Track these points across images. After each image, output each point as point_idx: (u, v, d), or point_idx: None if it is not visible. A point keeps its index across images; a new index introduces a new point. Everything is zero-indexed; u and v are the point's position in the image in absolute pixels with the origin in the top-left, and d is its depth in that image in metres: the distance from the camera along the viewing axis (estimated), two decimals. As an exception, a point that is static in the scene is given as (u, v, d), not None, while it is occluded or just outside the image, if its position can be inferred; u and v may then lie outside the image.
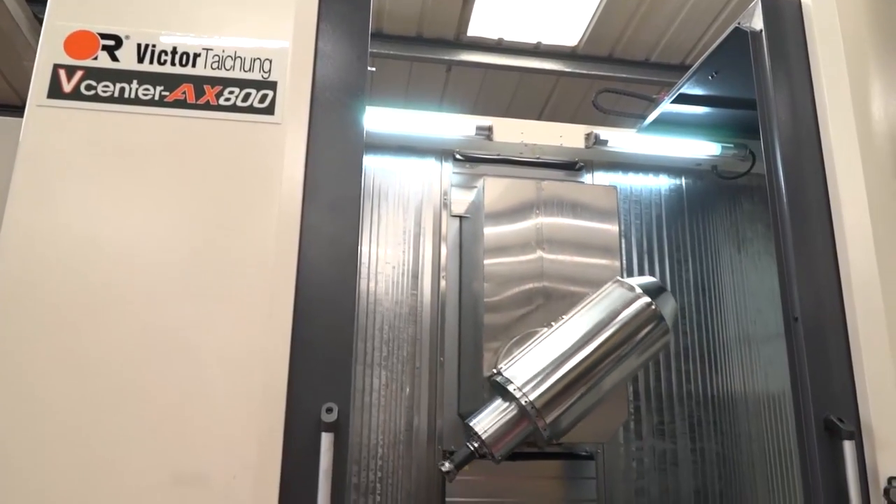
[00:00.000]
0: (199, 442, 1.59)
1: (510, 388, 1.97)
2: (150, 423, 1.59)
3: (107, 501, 1.55)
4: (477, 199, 2.58)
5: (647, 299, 2.08)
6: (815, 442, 1.77)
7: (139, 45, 1.82)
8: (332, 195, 1.80)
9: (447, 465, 1.95)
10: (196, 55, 1.84)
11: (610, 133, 2.91)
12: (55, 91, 1.77)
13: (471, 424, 1.98)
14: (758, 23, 2.14)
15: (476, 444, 1.96)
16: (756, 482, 2.84)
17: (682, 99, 2.71)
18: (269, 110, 1.82)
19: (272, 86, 1.84)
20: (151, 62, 1.81)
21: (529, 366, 2.02)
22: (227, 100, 1.81)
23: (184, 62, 1.83)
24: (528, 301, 2.33)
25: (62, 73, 1.78)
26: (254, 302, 1.69)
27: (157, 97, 1.79)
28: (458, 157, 2.89)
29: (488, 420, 1.97)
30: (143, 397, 1.61)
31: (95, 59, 1.80)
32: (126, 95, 1.79)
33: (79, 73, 1.78)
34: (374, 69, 2.11)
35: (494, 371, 2.07)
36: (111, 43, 1.82)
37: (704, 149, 2.97)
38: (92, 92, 1.78)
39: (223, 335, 1.66)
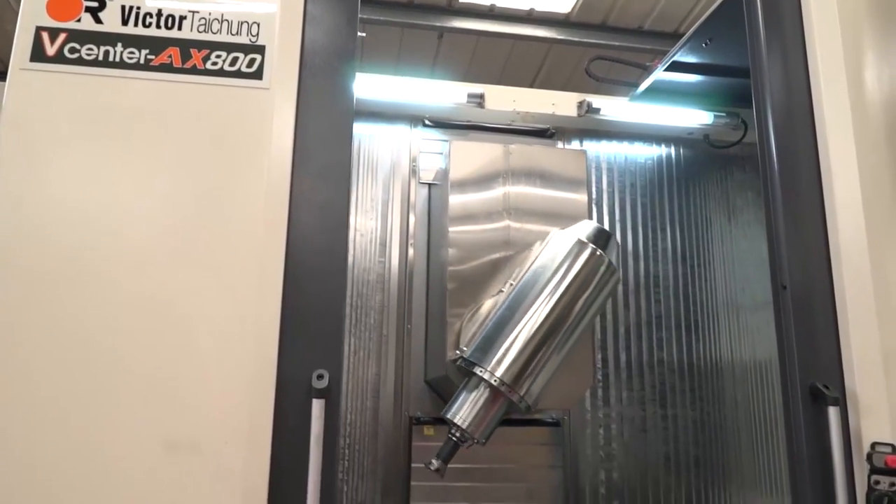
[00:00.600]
0: (190, 409, 1.60)
1: (476, 370, 1.98)
2: (140, 391, 1.59)
3: (98, 470, 1.55)
4: (444, 165, 2.54)
5: (591, 247, 2.08)
6: (800, 408, 1.80)
7: (123, 7, 1.79)
8: (322, 162, 1.79)
9: (436, 463, 1.97)
10: (182, 18, 1.80)
11: (602, 101, 2.89)
12: (38, 54, 1.74)
13: (448, 417, 1.99)
14: (752, -11, 2.12)
15: (458, 434, 1.98)
16: (741, 447, 2.88)
17: (676, 67, 2.69)
18: (258, 75, 1.79)
19: (260, 50, 1.81)
20: (136, 24, 1.78)
21: (490, 342, 2.02)
22: (215, 64, 1.78)
23: (169, 25, 1.79)
24: (494, 269, 2.31)
25: (45, 35, 1.74)
26: (243, 269, 1.68)
27: (142, 61, 1.76)
28: (426, 123, 2.83)
29: (465, 409, 1.98)
30: (133, 365, 1.61)
31: (79, 21, 1.76)
32: (110, 59, 1.75)
33: (62, 36, 1.75)
34: (364, 34, 2.07)
35: (457, 353, 2.08)
36: (94, 4, 1.78)
37: (696, 118, 2.96)
38: (76, 55, 1.74)
39: (212, 302, 1.66)
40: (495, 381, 1.95)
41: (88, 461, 1.55)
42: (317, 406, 1.58)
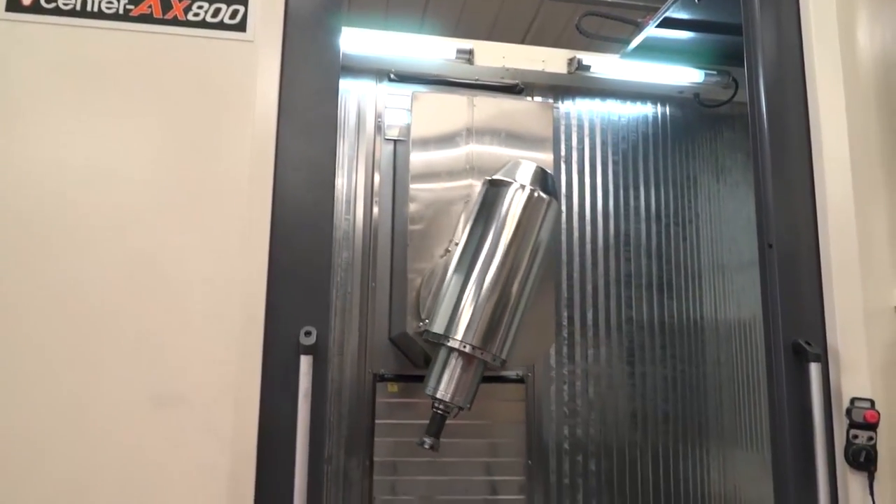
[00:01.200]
0: (178, 365, 1.60)
1: (444, 341, 1.99)
2: (127, 347, 1.59)
3: (87, 426, 1.56)
4: (408, 119, 2.48)
5: (528, 189, 2.06)
6: (782, 364, 1.82)
7: (101, -45, 1.73)
8: (308, 117, 1.76)
9: (429, 441, 1.99)
10: (162, -34, 1.74)
11: (593, 58, 2.85)
12: (14, 4, 1.68)
13: (430, 394, 2.01)
14: (747, -57, 2.08)
15: (442, 407, 2.00)
16: (722, 404, 2.93)
17: (668, 23, 2.65)
18: (241, 27, 1.75)
19: (243, 1, 1.76)
20: (114, -27, 1.72)
21: (450, 309, 2.01)
22: (196, 15, 1.74)
23: (149, -27, 1.74)
24: (455, 229, 2.28)
25: (20, -16, 1.69)
26: (229, 225, 1.67)
27: (121, 11, 1.71)
28: (392, 77, 2.75)
29: (443, 382, 1.99)
30: (119, 321, 1.60)
31: (55, -32, 1.71)
32: (88, 9, 1.70)
33: (38, -15, 1.69)
34: (350, -13, 2.03)
35: (421, 327, 2.08)
36: (71, -49, 1.72)
37: (687, 76, 2.93)
38: (52, 5, 1.69)
39: (198, 259, 1.65)
40: (466, 347, 1.96)
41: (77, 418, 1.55)
42: (304, 362, 1.59)
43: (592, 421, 2.78)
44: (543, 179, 2.13)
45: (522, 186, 2.07)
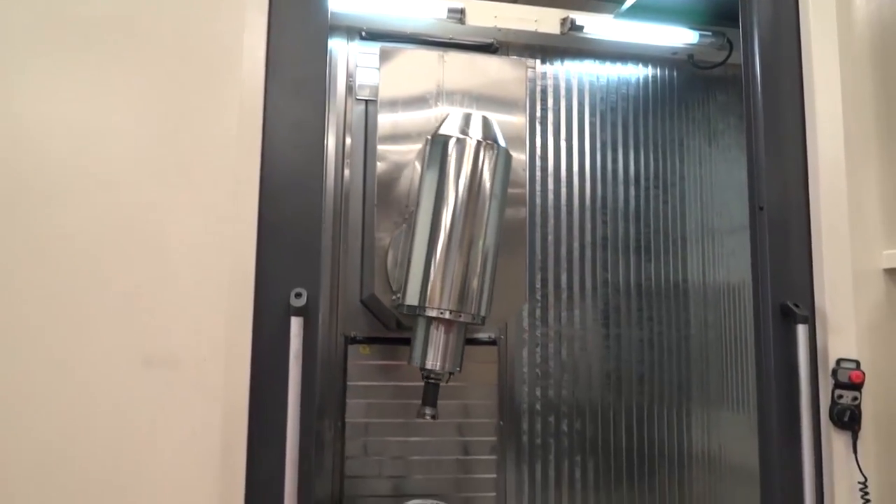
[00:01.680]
0: (167, 326, 1.60)
1: (421, 312, 1.99)
2: (116, 307, 1.58)
3: (77, 385, 1.56)
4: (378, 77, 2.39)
5: (475, 141, 2.03)
6: (770, 326, 1.84)
7: None
8: (297, 75, 1.73)
9: (429, 412, 2.02)
10: (144, -82, 1.69)
11: (587, 18, 2.81)
12: (-8, -43, 1.63)
13: (419, 367, 2.02)
14: None
15: (435, 377, 2.02)
16: (708, 366, 2.95)
17: (662, -18, 2.61)
18: (227, -19, 1.70)
19: (229, -46, 1.71)
20: (95, -76, 1.67)
21: (419, 278, 2.00)
22: (181, -32, 1.69)
23: (131, -75, 1.68)
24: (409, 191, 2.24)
25: (-4, -66, 1.63)
26: (217, 186, 1.65)
27: (104, -36, 1.66)
28: (363, 35, 2.65)
29: (430, 352, 2.01)
30: (107, 281, 1.59)
31: (32, -81, 1.65)
32: (70, -38, 1.65)
33: (15, -64, 1.63)
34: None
35: (395, 301, 2.08)
36: None
37: (681, 36, 2.89)
38: (32, -43, 1.64)
39: (187, 219, 1.63)
40: (444, 313, 1.97)
41: (66, 377, 1.55)
42: (295, 324, 1.59)
43: (565, 382, 2.79)
44: (487, 128, 2.09)
45: (466, 138, 2.03)
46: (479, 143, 2.04)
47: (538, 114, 2.88)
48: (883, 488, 1.81)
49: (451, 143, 2.05)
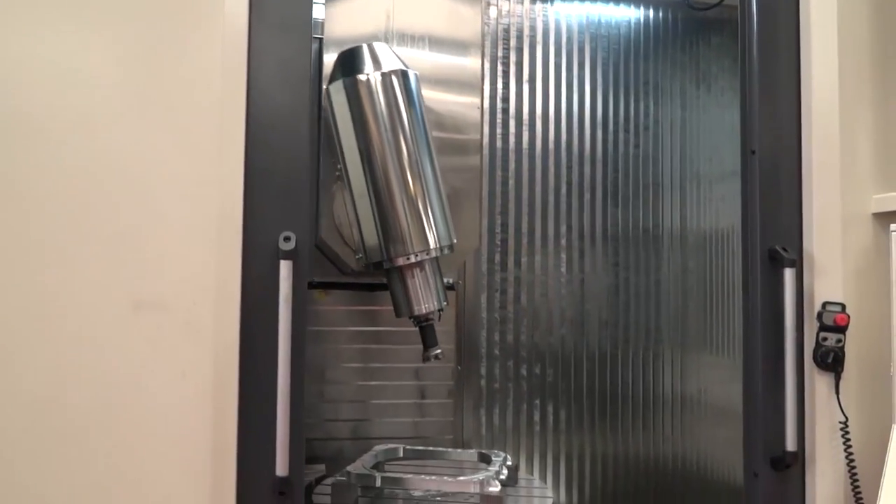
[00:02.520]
0: (155, 269, 1.58)
1: (389, 265, 1.99)
2: (103, 252, 1.56)
3: (66, 330, 1.55)
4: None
5: (370, 77, 1.95)
6: (758, 270, 1.85)
7: None
8: (282, 13, 1.67)
9: (434, 352, 2.06)
10: None
11: (580, -44, 2.73)
12: None
13: (410, 314, 2.03)
14: None
15: (428, 319, 2.04)
16: (687, 311, 2.95)
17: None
18: (207, -90, 1.63)
19: None
20: None
21: (373, 231, 1.98)
22: None
23: None
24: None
25: None
26: (203, 127, 1.61)
27: None
28: None
29: (413, 300, 2.01)
30: (93, 224, 1.57)
31: None
32: None
33: None
34: None
35: (359, 259, 2.07)
36: None
37: (675, -24, 2.83)
38: None
39: (171, 161, 1.60)
40: (410, 258, 1.96)
41: (55, 323, 1.54)
42: (284, 267, 1.58)
43: (524, 327, 2.80)
44: (375, 59, 2.00)
45: (363, 77, 1.94)
46: (380, 76, 1.95)
47: (500, 53, 2.79)
48: (862, 428, 1.85)
49: (350, 86, 1.94)
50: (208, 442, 1.56)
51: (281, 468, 1.55)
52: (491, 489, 1.93)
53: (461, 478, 2.01)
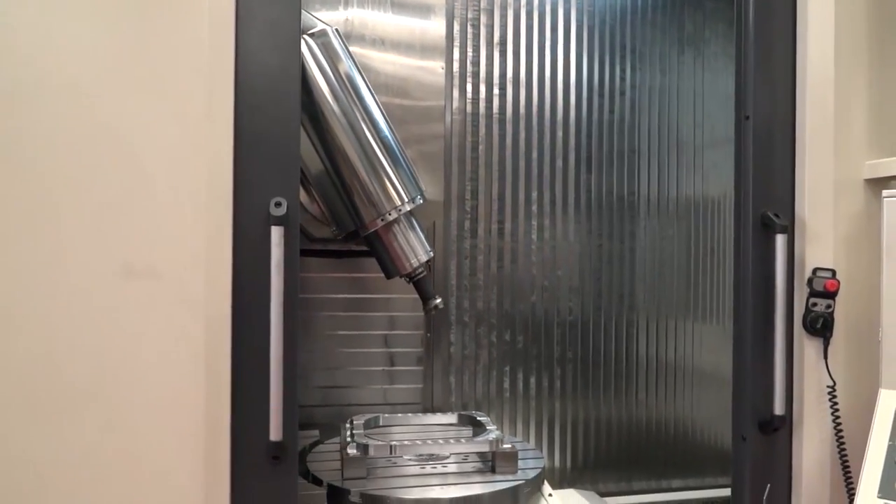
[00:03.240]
0: (145, 236, 1.56)
1: (365, 232, 2.00)
2: (93, 220, 1.54)
3: (56, 296, 1.53)
4: None
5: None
6: (750, 236, 1.85)
7: None
8: (270, -28, 1.63)
9: (433, 302, 2.10)
10: None
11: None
12: None
13: (405, 271, 2.06)
14: None
15: (419, 272, 2.07)
16: (672, 278, 2.98)
17: None
18: None
19: None
20: None
21: (342, 203, 2.01)
22: None
23: None
24: None
25: None
26: (190, 94, 1.57)
27: None
28: None
29: (399, 258, 2.03)
30: (82, 194, 1.54)
31: None
32: None
33: None
34: None
35: (335, 232, 2.08)
36: None
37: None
38: None
39: (159, 129, 1.57)
40: (385, 217, 1.97)
41: (46, 291, 1.52)
42: (276, 233, 1.57)
43: (495, 294, 2.81)
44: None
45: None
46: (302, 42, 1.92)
47: (469, 15, 2.74)
48: (850, 393, 1.88)
49: None
50: (202, 407, 1.56)
51: (275, 433, 1.56)
52: (505, 447, 2.02)
53: (478, 438, 2.07)
